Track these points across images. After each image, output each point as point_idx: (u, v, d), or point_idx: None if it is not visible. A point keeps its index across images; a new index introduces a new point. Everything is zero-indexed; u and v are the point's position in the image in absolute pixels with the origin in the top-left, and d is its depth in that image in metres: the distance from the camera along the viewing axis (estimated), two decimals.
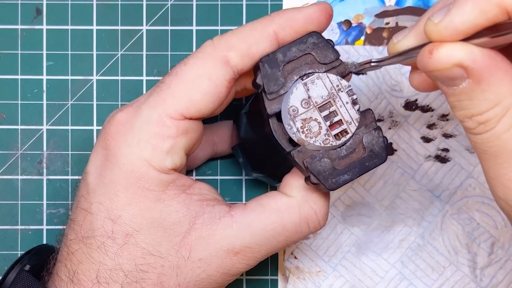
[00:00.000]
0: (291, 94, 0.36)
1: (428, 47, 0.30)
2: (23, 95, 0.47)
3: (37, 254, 0.41)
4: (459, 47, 0.30)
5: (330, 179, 0.36)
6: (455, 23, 0.29)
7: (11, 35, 0.47)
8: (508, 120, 0.30)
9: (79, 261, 0.37)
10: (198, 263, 0.37)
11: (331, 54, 0.37)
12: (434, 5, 0.34)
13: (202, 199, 0.38)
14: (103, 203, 0.37)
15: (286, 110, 0.36)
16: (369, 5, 0.48)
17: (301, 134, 0.36)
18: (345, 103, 0.36)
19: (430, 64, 0.30)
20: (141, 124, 0.37)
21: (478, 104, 0.30)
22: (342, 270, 0.46)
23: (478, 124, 0.31)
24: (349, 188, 0.46)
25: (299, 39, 0.37)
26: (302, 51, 0.37)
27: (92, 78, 0.47)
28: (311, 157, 0.36)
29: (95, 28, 0.47)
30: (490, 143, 0.31)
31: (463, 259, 0.46)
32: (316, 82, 0.36)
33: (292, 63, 0.37)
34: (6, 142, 0.47)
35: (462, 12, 0.29)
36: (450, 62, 0.30)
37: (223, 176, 0.48)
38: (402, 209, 0.46)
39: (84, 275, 0.37)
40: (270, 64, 0.36)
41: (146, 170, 0.36)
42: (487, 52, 0.30)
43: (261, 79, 0.36)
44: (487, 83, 0.30)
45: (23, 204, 0.47)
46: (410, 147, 0.46)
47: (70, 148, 0.47)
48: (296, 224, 0.38)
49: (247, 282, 0.47)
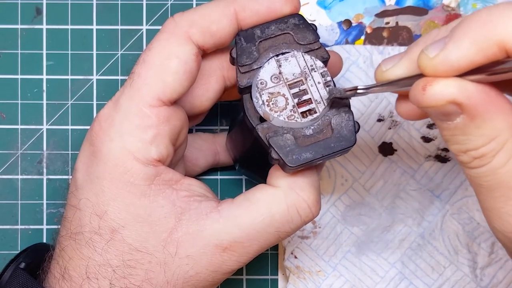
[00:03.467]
0: (262, 67, 0.36)
1: (422, 82, 0.30)
2: (23, 94, 0.47)
3: (33, 252, 0.41)
4: (453, 84, 0.29)
5: (290, 155, 0.35)
6: (451, 59, 0.29)
7: (11, 35, 0.47)
8: (504, 155, 0.30)
9: (70, 257, 0.37)
10: (186, 260, 0.37)
11: (310, 36, 0.37)
12: (426, 34, 0.33)
13: (190, 195, 0.38)
14: (90, 199, 0.37)
15: (255, 82, 0.36)
16: (369, 4, 0.48)
17: (266, 107, 0.36)
18: (317, 83, 0.36)
19: (424, 101, 0.30)
20: (121, 118, 0.37)
21: (473, 139, 0.30)
22: (342, 270, 0.46)
23: (473, 158, 0.30)
24: (349, 188, 0.46)
25: (280, 19, 0.37)
26: (281, 30, 0.37)
27: (92, 77, 0.47)
28: (275, 132, 0.36)
29: (95, 28, 0.47)
30: (486, 178, 0.31)
31: (463, 258, 0.46)
32: (289, 60, 0.36)
33: (270, 41, 0.37)
34: (6, 142, 0.47)
35: (459, 48, 0.29)
36: (444, 99, 0.29)
37: (223, 176, 0.48)
38: (402, 209, 0.46)
39: (74, 271, 0.37)
40: (246, 39, 0.37)
41: (131, 164, 0.36)
42: (482, 88, 0.29)
43: (235, 52, 0.37)
44: (482, 119, 0.29)
45: (23, 204, 0.47)
46: (410, 147, 0.46)
47: (70, 148, 0.47)
48: (284, 213, 0.37)
49: (247, 282, 0.47)
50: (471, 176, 0.31)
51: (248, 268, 0.48)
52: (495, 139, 0.30)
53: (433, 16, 0.47)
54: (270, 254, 0.48)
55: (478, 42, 0.28)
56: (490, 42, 0.28)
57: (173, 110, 0.37)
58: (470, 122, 0.30)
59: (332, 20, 0.48)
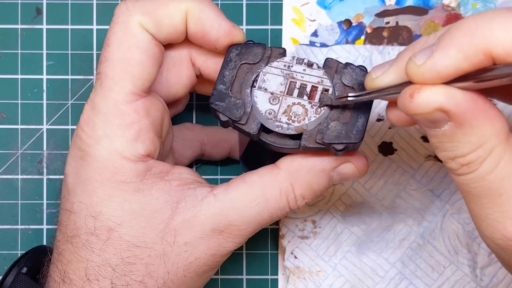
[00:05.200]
0: (256, 104, 0.36)
1: (409, 89, 0.30)
2: (23, 94, 0.47)
3: (34, 256, 0.41)
4: (440, 91, 0.29)
5: (350, 134, 0.35)
6: (438, 67, 0.29)
7: (11, 35, 0.47)
8: (491, 162, 0.30)
9: (68, 260, 0.37)
10: (185, 247, 0.37)
11: (257, 50, 0.37)
12: (415, 41, 0.33)
13: (183, 183, 0.38)
14: (83, 201, 0.37)
15: (264, 118, 0.36)
16: (369, 4, 0.48)
17: (294, 124, 0.36)
18: (303, 71, 0.36)
19: (411, 108, 0.30)
20: (102, 120, 0.37)
21: (460, 146, 0.30)
22: (342, 270, 0.46)
23: (461, 165, 0.31)
24: (349, 187, 0.46)
25: (224, 62, 0.37)
26: (234, 68, 0.37)
27: (92, 77, 0.47)
28: (319, 132, 0.36)
29: (95, 28, 0.47)
30: (474, 184, 0.31)
31: (463, 258, 0.46)
32: (266, 79, 0.36)
33: (236, 83, 0.37)
34: (6, 141, 0.47)
35: (446, 56, 0.29)
36: (431, 106, 0.29)
37: (223, 176, 0.48)
38: (402, 208, 0.46)
39: (74, 274, 0.37)
40: (220, 99, 0.36)
41: (120, 163, 0.36)
42: (469, 95, 0.29)
43: (224, 115, 0.36)
44: (469, 126, 0.30)
45: (23, 204, 0.47)
46: (410, 146, 0.46)
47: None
48: (277, 199, 0.37)
49: (247, 282, 0.47)
50: (459, 183, 0.32)
51: (248, 268, 0.48)
52: (482, 146, 0.30)
53: (433, 16, 0.47)
54: (270, 254, 0.48)
55: (464, 50, 0.28)
56: (476, 50, 0.28)
57: (150, 101, 0.37)
58: (457, 129, 0.30)
59: (332, 20, 0.48)
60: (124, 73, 0.36)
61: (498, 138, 0.30)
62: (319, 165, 0.37)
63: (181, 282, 0.37)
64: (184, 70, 0.40)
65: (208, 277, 0.39)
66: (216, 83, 0.37)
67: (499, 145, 0.30)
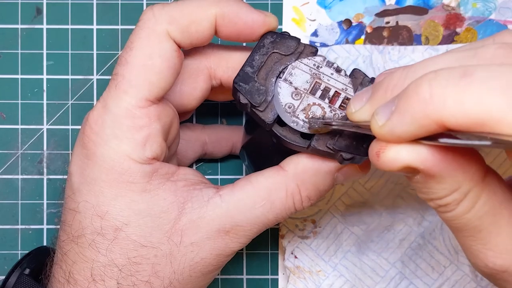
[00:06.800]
0: (278, 94, 0.36)
1: (376, 147, 0.30)
2: (24, 94, 0.47)
3: (36, 257, 0.41)
4: (406, 149, 0.29)
5: (360, 147, 0.36)
6: (396, 132, 0.29)
7: (11, 35, 0.47)
8: (468, 203, 0.30)
9: (73, 261, 0.37)
10: (191, 247, 0.37)
11: (291, 43, 0.37)
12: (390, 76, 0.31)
13: (188, 184, 0.38)
14: (89, 200, 0.37)
15: (283, 110, 0.36)
16: (369, 4, 0.48)
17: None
18: (330, 74, 0.37)
19: (379, 166, 0.30)
20: (112, 120, 0.36)
21: (435, 191, 0.30)
22: (343, 270, 0.46)
23: (438, 206, 0.31)
24: (349, 187, 0.46)
25: (256, 46, 0.37)
26: (265, 54, 0.37)
27: (93, 77, 0.47)
28: (331, 136, 0.36)
29: (95, 28, 0.47)
30: (454, 221, 0.31)
31: (463, 258, 0.46)
32: (293, 73, 0.36)
33: (263, 69, 0.37)
34: (6, 141, 0.47)
35: (401, 123, 0.29)
36: (397, 165, 0.29)
37: (223, 176, 0.48)
38: (402, 208, 0.46)
39: (79, 274, 0.37)
40: (245, 81, 0.36)
41: (127, 165, 0.36)
42: (437, 150, 0.29)
43: (244, 97, 0.36)
44: (440, 177, 0.30)
45: (23, 204, 0.47)
46: None
47: (70, 148, 0.47)
48: (283, 201, 0.37)
49: (247, 282, 0.48)
50: (440, 217, 0.32)
51: (248, 268, 0.48)
52: (457, 190, 0.30)
53: (433, 15, 0.47)
54: (270, 254, 0.48)
55: (418, 119, 0.28)
56: (430, 121, 0.28)
57: (162, 108, 0.38)
58: (429, 179, 0.30)
59: (332, 19, 0.48)
60: (142, 79, 0.36)
61: (472, 181, 0.30)
62: (325, 167, 0.37)
63: (186, 282, 0.38)
64: (200, 82, 0.40)
65: (212, 276, 0.39)
66: (244, 65, 0.37)
67: (474, 187, 0.30)
